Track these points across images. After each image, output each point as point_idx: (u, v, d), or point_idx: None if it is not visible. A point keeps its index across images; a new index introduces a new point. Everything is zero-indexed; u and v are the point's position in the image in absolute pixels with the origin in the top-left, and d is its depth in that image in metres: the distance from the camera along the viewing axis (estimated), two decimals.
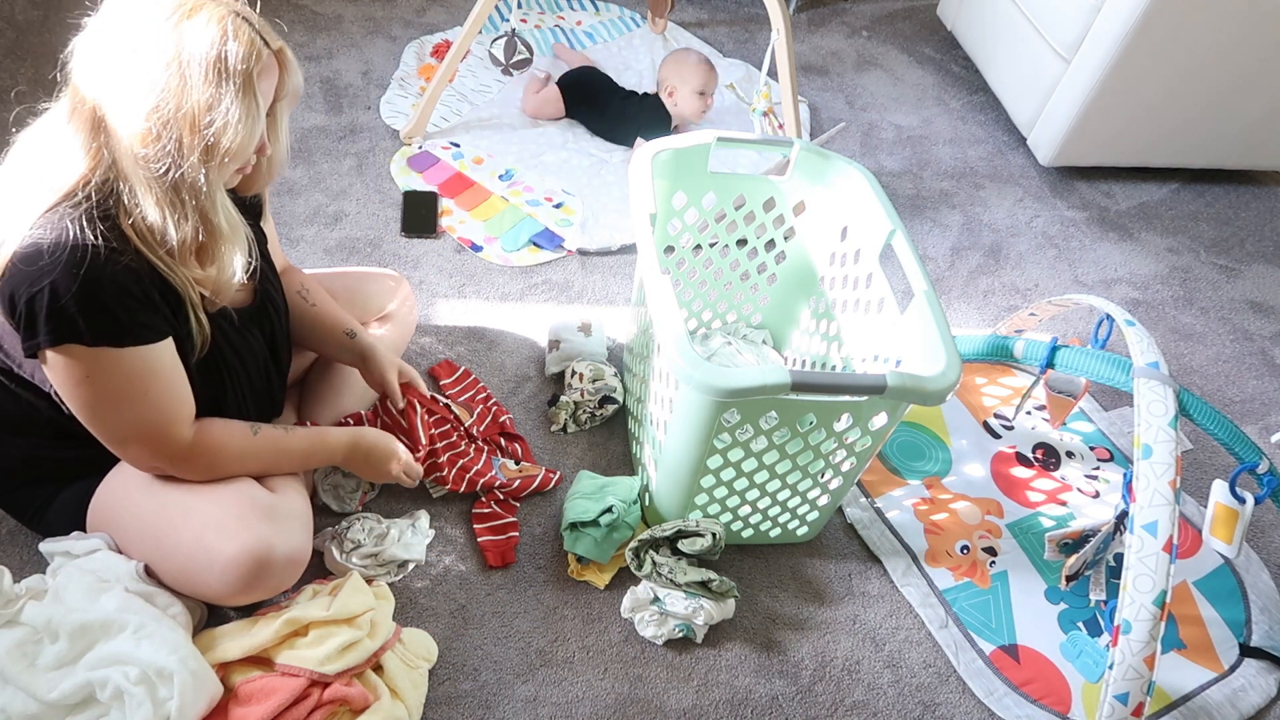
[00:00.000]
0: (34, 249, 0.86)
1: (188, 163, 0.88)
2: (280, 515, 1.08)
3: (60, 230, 0.86)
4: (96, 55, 0.87)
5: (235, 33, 0.87)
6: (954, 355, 1.11)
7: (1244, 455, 1.21)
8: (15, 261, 0.87)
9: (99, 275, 0.87)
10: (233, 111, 0.87)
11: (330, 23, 2.30)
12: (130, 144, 0.86)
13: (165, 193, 0.89)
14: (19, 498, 1.13)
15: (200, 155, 0.88)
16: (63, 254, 0.85)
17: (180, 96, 0.85)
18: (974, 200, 2.15)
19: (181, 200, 0.90)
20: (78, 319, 0.88)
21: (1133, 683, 1.03)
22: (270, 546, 1.03)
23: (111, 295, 0.89)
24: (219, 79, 0.86)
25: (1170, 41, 1.91)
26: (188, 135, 0.87)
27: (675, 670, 1.23)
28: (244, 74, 0.88)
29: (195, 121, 0.86)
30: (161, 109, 0.85)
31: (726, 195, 1.43)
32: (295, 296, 1.27)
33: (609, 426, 1.52)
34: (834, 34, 2.65)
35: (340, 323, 1.29)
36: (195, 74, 0.85)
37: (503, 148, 2.03)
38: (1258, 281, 2.08)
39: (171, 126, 0.86)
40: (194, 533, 1.03)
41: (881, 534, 1.43)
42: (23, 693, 0.98)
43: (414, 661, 1.14)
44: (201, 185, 0.90)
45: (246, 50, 0.88)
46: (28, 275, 0.86)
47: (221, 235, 0.95)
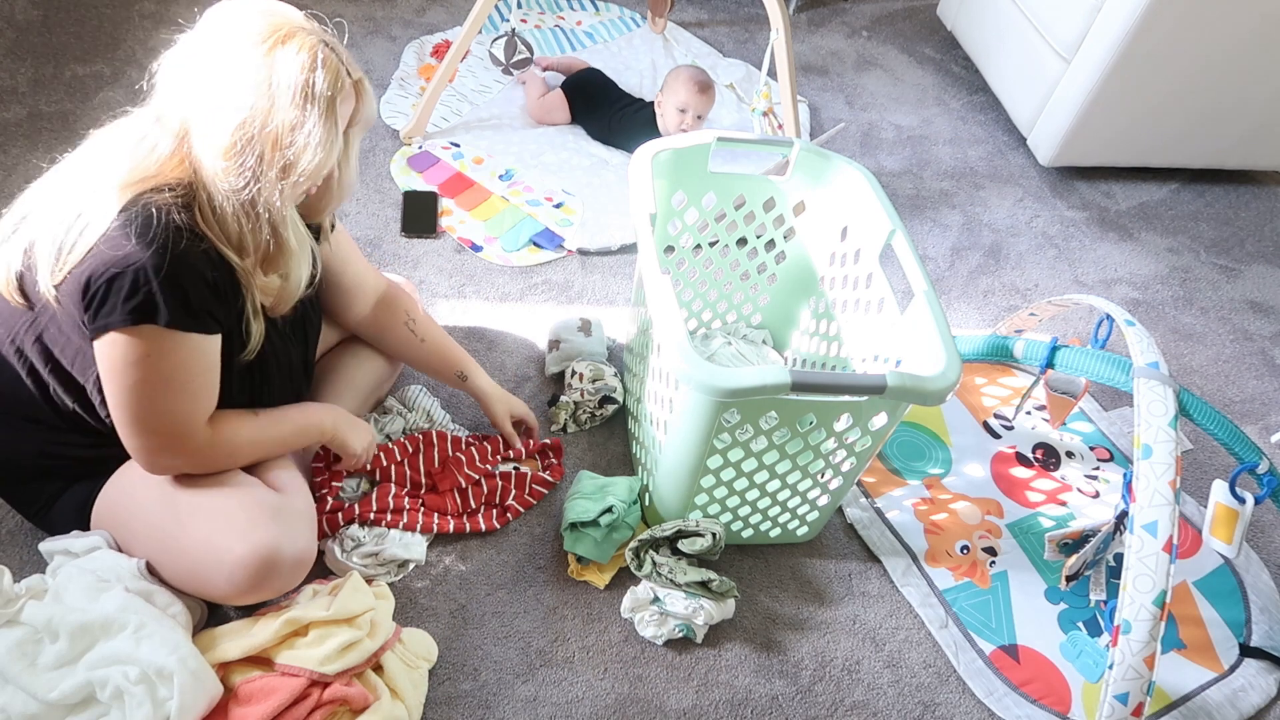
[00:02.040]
0: (119, 232, 0.89)
1: (265, 179, 0.92)
2: (287, 515, 1.08)
3: (145, 215, 0.89)
4: (189, 72, 0.92)
5: (324, 61, 0.92)
6: (954, 355, 1.11)
7: (1244, 455, 1.21)
8: (100, 244, 0.89)
9: (182, 257, 0.90)
10: (314, 134, 0.92)
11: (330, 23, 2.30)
12: (214, 157, 0.90)
13: (241, 204, 0.93)
14: (27, 492, 1.13)
15: (278, 172, 0.92)
16: (149, 236, 0.89)
17: (267, 116, 0.90)
18: (974, 200, 2.15)
19: (256, 213, 0.94)
20: (157, 299, 0.90)
21: (1133, 683, 1.03)
22: (279, 547, 1.04)
23: (191, 279, 0.92)
24: (305, 102, 0.91)
25: (1170, 41, 1.91)
26: (269, 153, 0.91)
27: (675, 670, 1.23)
28: (328, 99, 0.93)
29: (278, 140, 0.91)
30: (248, 126, 0.89)
31: (726, 195, 1.43)
32: (401, 328, 1.33)
33: (609, 426, 1.52)
34: (834, 34, 2.65)
35: (451, 363, 1.37)
36: (283, 96, 0.90)
37: (503, 148, 2.03)
38: (1258, 281, 2.08)
39: (255, 143, 0.90)
40: (202, 533, 1.04)
41: (881, 534, 1.43)
42: (23, 692, 0.98)
43: (414, 661, 1.14)
44: (276, 201, 0.94)
45: (332, 78, 0.93)
46: (111, 257, 0.89)
47: (289, 249, 1.00)
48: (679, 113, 1.96)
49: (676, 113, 1.96)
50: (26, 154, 1.76)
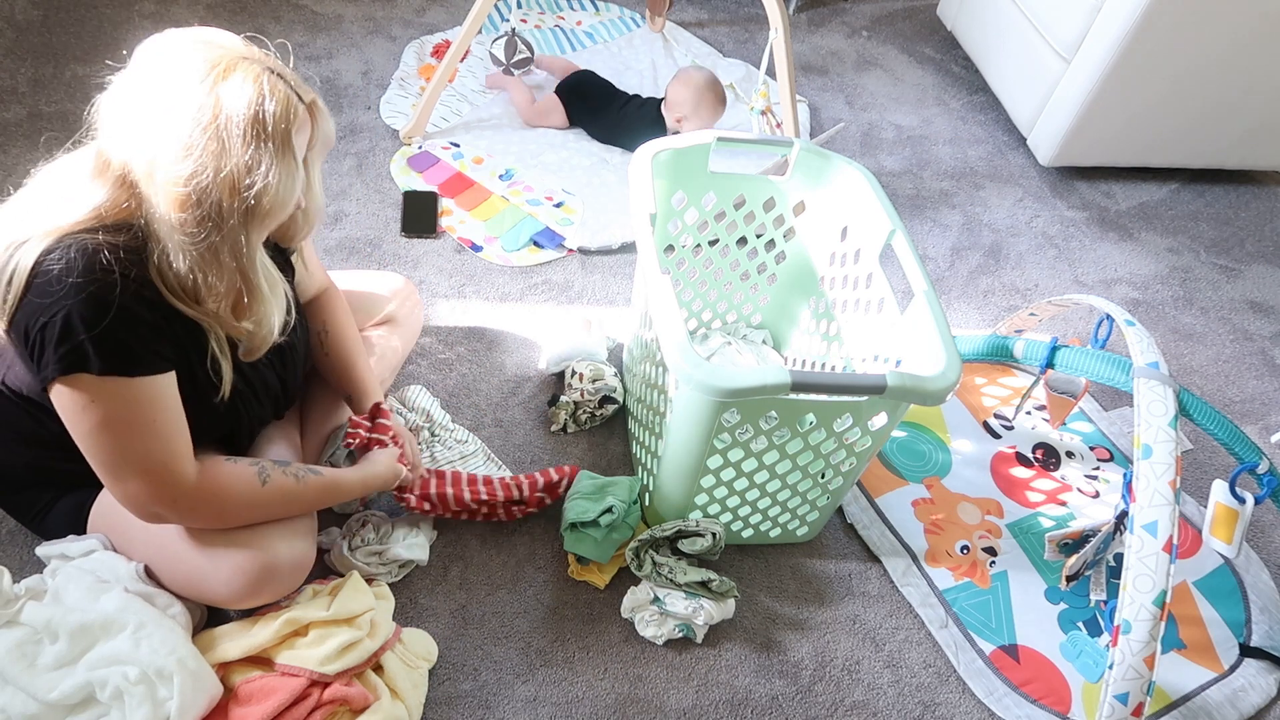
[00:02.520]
0: (47, 277, 0.84)
1: (227, 225, 0.86)
2: (285, 520, 1.08)
3: (71, 258, 0.84)
4: (127, 117, 0.85)
5: (271, 91, 0.86)
6: (954, 355, 1.11)
7: (1244, 455, 1.21)
8: (30, 292, 0.85)
9: (110, 302, 0.85)
10: (273, 172, 0.86)
11: (330, 23, 2.30)
12: (166, 210, 0.85)
13: (202, 255, 0.87)
14: (22, 500, 1.13)
15: (240, 217, 0.87)
16: (75, 280, 0.84)
17: (219, 160, 0.83)
18: (974, 200, 2.15)
19: (219, 261, 0.89)
20: (86, 348, 0.86)
21: (1133, 683, 1.03)
22: (276, 552, 1.04)
23: (122, 323, 0.87)
24: (258, 140, 0.85)
25: (1170, 41, 1.91)
26: (227, 199, 0.85)
27: (675, 670, 1.23)
28: (282, 133, 0.86)
29: (235, 184, 0.85)
30: (200, 174, 0.83)
31: (726, 195, 1.43)
32: (314, 336, 1.25)
33: (609, 426, 1.52)
34: (834, 34, 2.65)
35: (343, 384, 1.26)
36: (234, 137, 0.83)
37: (503, 147, 2.03)
38: (1258, 281, 2.08)
39: (211, 191, 0.84)
40: (199, 539, 1.03)
41: (881, 534, 1.43)
42: (23, 693, 0.98)
43: (414, 661, 1.14)
44: (242, 246, 0.89)
45: (283, 109, 0.86)
46: (39, 306, 0.85)
47: (260, 294, 0.95)
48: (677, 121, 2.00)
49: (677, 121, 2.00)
50: (26, 154, 1.76)
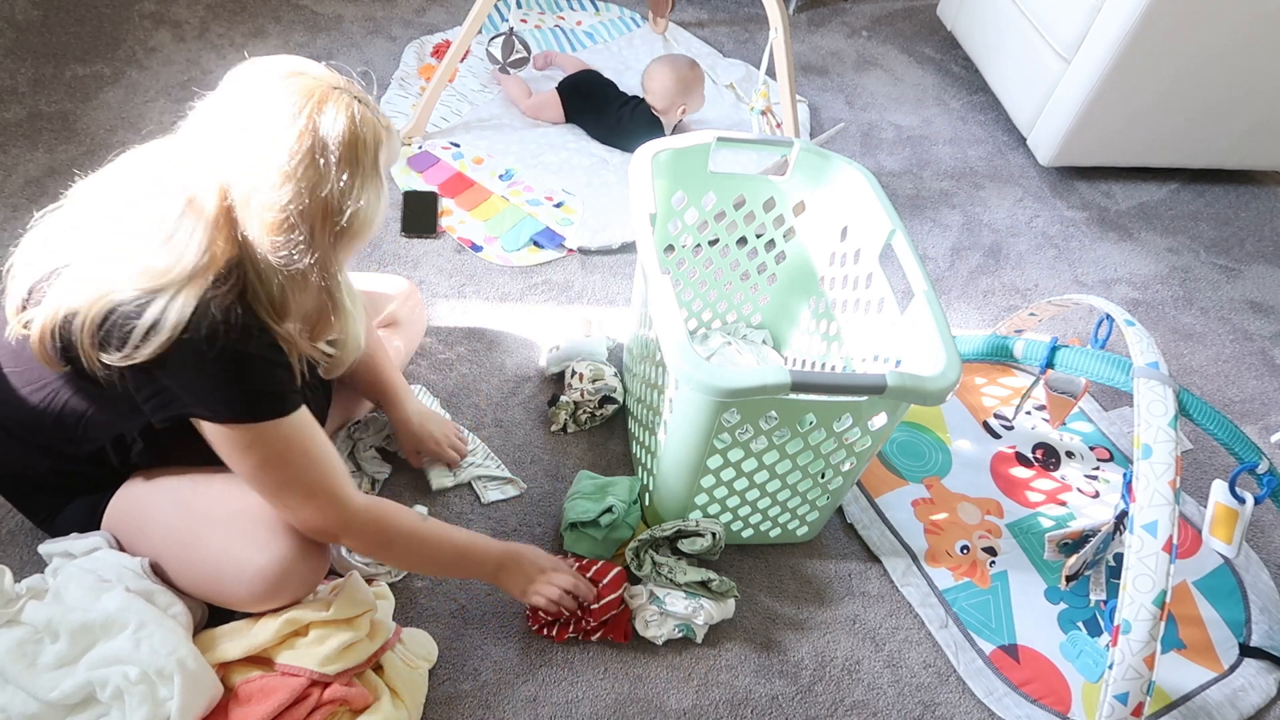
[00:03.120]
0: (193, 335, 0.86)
1: (320, 247, 0.89)
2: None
3: (214, 317, 0.87)
4: (223, 146, 0.87)
5: (362, 119, 0.89)
6: (954, 355, 1.11)
7: (1244, 455, 1.21)
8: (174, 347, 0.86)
9: (252, 355, 0.90)
10: (365, 196, 0.90)
11: (330, 23, 2.30)
12: (262, 235, 0.87)
13: (293, 276, 0.90)
14: (37, 500, 1.13)
15: (332, 239, 0.90)
16: (221, 341, 0.87)
17: (317, 188, 0.86)
18: (974, 200, 2.15)
19: (308, 281, 0.91)
20: (241, 401, 0.91)
21: (1132, 683, 1.03)
22: (298, 556, 1.04)
23: (264, 374, 0.92)
24: (352, 168, 0.88)
25: (1170, 41, 1.91)
26: (319, 223, 0.88)
27: (675, 670, 1.23)
28: (372, 157, 0.90)
29: (329, 209, 0.88)
30: (297, 200, 0.86)
31: (726, 195, 1.43)
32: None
33: (609, 426, 1.52)
34: (834, 34, 2.65)
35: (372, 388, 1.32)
36: (331, 164, 0.87)
37: (503, 147, 2.03)
38: (1258, 281, 2.08)
39: (305, 216, 0.87)
40: (220, 543, 1.04)
41: (881, 534, 1.43)
42: (23, 692, 0.98)
43: (414, 661, 1.14)
44: (331, 266, 0.92)
45: (372, 135, 0.90)
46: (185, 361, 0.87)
47: (346, 313, 0.98)
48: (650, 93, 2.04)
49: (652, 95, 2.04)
50: (26, 154, 1.76)
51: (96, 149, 1.79)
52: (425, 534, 1.11)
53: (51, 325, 0.89)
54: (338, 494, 1.01)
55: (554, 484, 1.42)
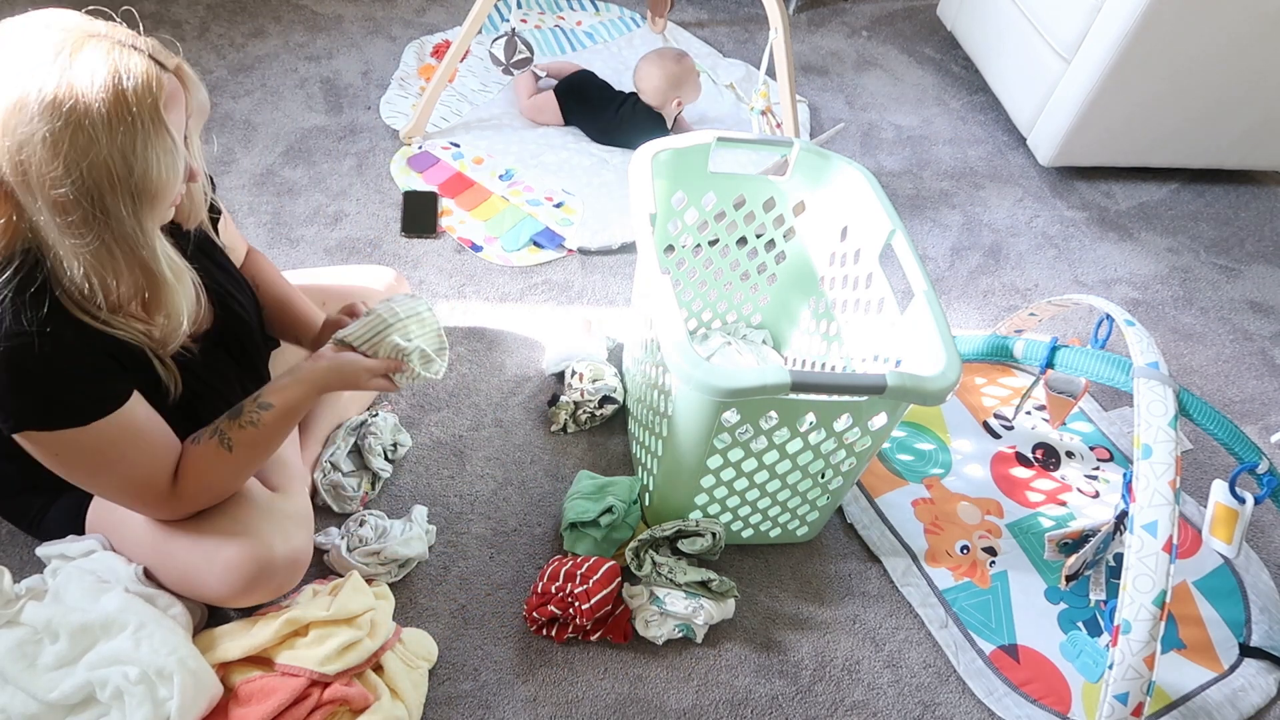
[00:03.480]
0: None
1: (115, 218, 0.80)
2: (280, 516, 1.08)
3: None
4: None
5: (127, 68, 0.78)
6: (954, 355, 1.11)
7: (1244, 455, 1.21)
8: None
9: (31, 365, 0.82)
10: (150, 150, 0.80)
11: (330, 23, 2.30)
12: (47, 215, 0.79)
13: (96, 254, 0.82)
14: (17, 505, 1.13)
15: (127, 207, 0.81)
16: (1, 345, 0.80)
17: (90, 152, 0.77)
18: (974, 200, 2.15)
19: (115, 258, 0.83)
20: (28, 412, 0.85)
21: (1132, 683, 1.03)
22: (270, 548, 1.03)
23: (57, 383, 0.84)
24: (126, 124, 0.78)
25: (1170, 41, 1.91)
26: (109, 191, 0.79)
27: (675, 670, 1.23)
28: (150, 108, 0.79)
29: (113, 174, 0.78)
30: (72, 170, 0.77)
31: (726, 195, 1.43)
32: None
33: (609, 426, 1.52)
34: (834, 34, 2.65)
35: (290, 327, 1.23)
36: (99, 124, 0.76)
37: (503, 148, 2.03)
38: (1258, 281, 2.08)
39: (89, 187, 0.78)
40: (192, 537, 1.03)
41: (881, 534, 1.43)
42: (23, 693, 0.98)
43: (414, 661, 1.14)
44: (136, 236, 0.83)
45: (145, 82, 0.79)
46: None
47: (166, 284, 0.88)
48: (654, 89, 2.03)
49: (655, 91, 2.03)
50: None
51: None
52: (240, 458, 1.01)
53: None
54: (154, 486, 0.96)
55: (554, 484, 1.42)
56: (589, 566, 1.23)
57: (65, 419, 0.87)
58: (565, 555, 1.30)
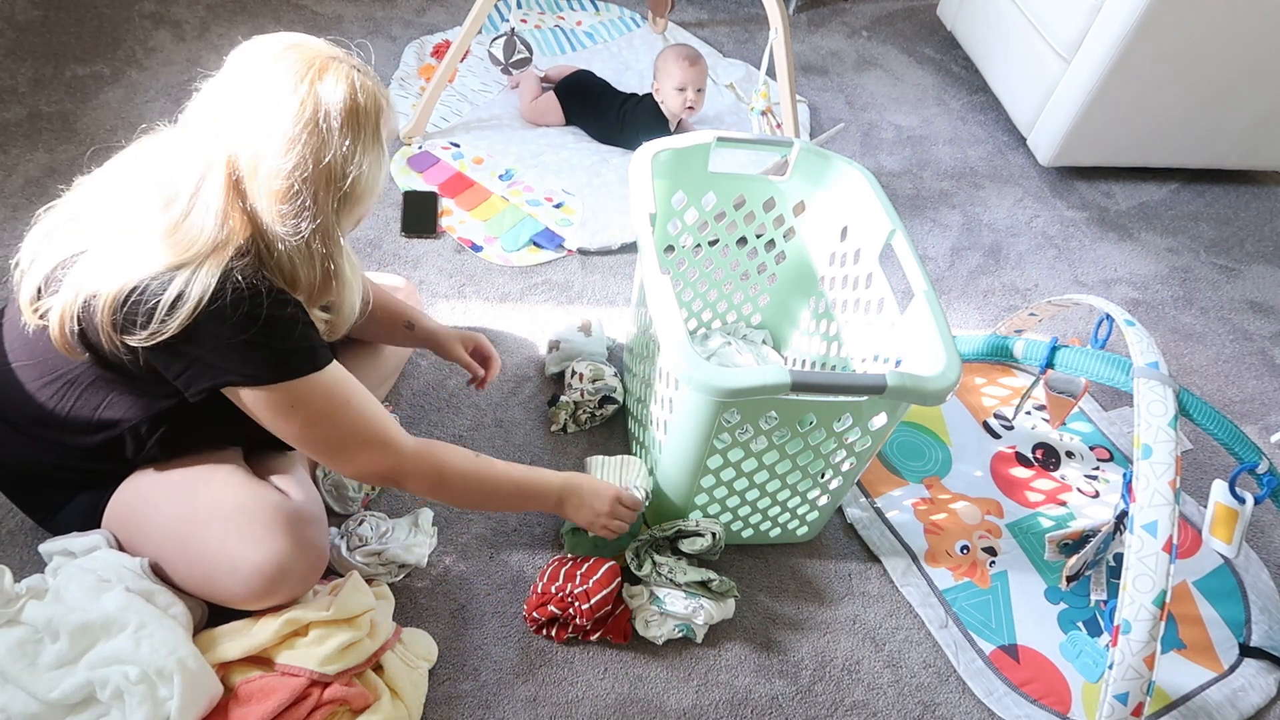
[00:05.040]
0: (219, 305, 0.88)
1: (324, 213, 0.92)
2: (303, 521, 1.08)
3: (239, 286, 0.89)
4: (230, 119, 0.89)
5: (362, 87, 0.92)
6: (954, 355, 1.11)
7: (1244, 455, 1.21)
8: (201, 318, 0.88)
9: (283, 317, 0.92)
10: (366, 162, 0.92)
11: (330, 23, 2.30)
12: (269, 204, 0.89)
13: (298, 243, 0.92)
14: (40, 497, 1.13)
15: (335, 205, 0.93)
16: (247, 306, 0.89)
17: (320, 154, 0.89)
18: (974, 200, 2.15)
19: (310, 249, 0.94)
20: (278, 361, 0.93)
21: (1132, 683, 1.03)
22: (295, 553, 1.04)
23: (291, 331, 0.94)
24: (354, 132, 0.90)
25: (1170, 42, 1.91)
26: (323, 189, 0.91)
27: (675, 670, 1.23)
28: (374, 124, 0.93)
29: (332, 176, 0.91)
30: (301, 166, 0.88)
31: (726, 195, 1.43)
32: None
33: (609, 426, 1.52)
34: (834, 34, 2.65)
35: (397, 315, 1.33)
36: (333, 131, 0.89)
37: (503, 148, 2.03)
38: (1258, 281, 2.08)
39: (310, 183, 0.89)
40: (218, 539, 1.04)
41: (881, 534, 1.43)
42: (23, 692, 0.98)
43: (414, 661, 1.14)
44: (333, 233, 0.95)
45: (373, 102, 0.92)
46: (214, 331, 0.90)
47: (345, 280, 1.00)
48: (679, 92, 1.98)
49: (676, 93, 1.98)
50: (26, 154, 1.76)
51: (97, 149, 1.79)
52: (480, 470, 1.14)
53: (71, 311, 0.91)
54: (389, 439, 1.04)
55: None
56: (589, 566, 1.23)
57: (305, 365, 0.96)
58: (565, 555, 1.30)
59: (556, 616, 1.21)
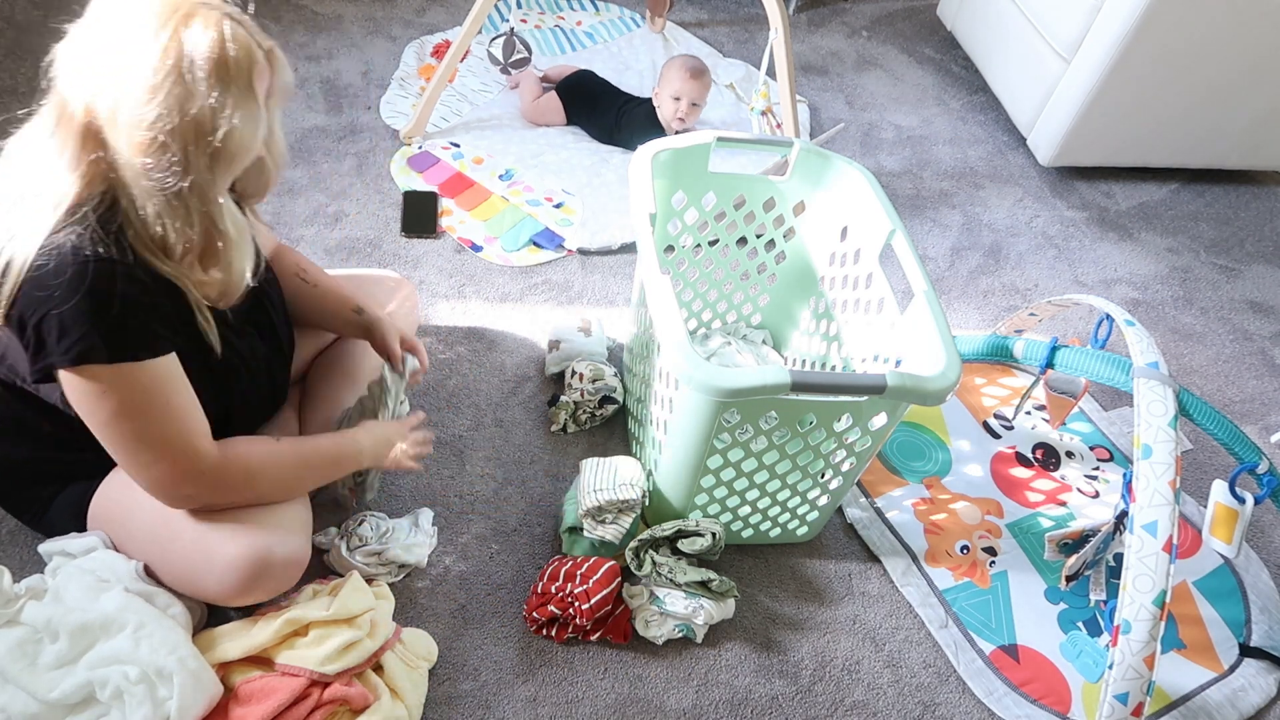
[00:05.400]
0: (42, 272, 0.84)
1: (194, 169, 0.86)
2: (280, 518, 1.08)
3: (66, 250, 0.84)
4: (88, 64, 0.84)
5: (233, 36, 0.85)
6: (954, 355, 1.11)
7: (1244, 455, 1.21)
8: (25, 286, 0.85)
9: (109, 290, 0.86)
10: (237, 115, 0.86)
11: (330, 23, 2.30)
12: (131, 155, 0.84)
13: (169, 201, 0.87)
14: (21, 498, 1.13)
15: (207, 160, 0.87)
16: (70, 274, 0.84)
17: (185, 104, 0.83)
18: (974, 200, 2.15)
19: (187, 207, 0.88)
20: (93, 338, 0.87)
21: (1132, 683, 1.03)
22: (269, 548, 1.03)
23: (123, 310, 0.88)
24: (222, 84, 0.84)
25: (1170, 42, 1.91)
26: (193, 143, 0.85)
27: (675, 670, 1.23)
28: (245, 76, 0.86)
29: (201, 128, 0.85)
30: (167, 118, 0.83)
31: (726, 195, 1.43)
32: (294, 280, 1.25)
33: (609, 426, 1.52)
34: (834, 34, 2.65)
35: (346, 300, 1.27)
36: (199, 80, 0.83)
37: (503, 147, 2.03)
38: (1258, 281, 2.08)
39: (176, 135, 0.84)
40: (194, 534, 1.03)
41: (881, 534, 1.43)
42: (23, 692, 0.98)
43: (414, 661, 1.14)
44: (209, 191, 0.89)
45: (245, 53, 0.86)
46: (37, 299, 0.85)
47: (229, 239, 0.94)
48: (674, 100, 1.97)
49: (671, 101, 1.97)
50: None
51: None
52: (288, 453, 1.08)
53: None
54: (193, 448, 0.96)
55: (554, 484, 1.42)
56: (589, 566, 1.23)
57: (127, 350, 0.89)
58: (565, 555, 1.30)
59: (556, 616, 1.21)
